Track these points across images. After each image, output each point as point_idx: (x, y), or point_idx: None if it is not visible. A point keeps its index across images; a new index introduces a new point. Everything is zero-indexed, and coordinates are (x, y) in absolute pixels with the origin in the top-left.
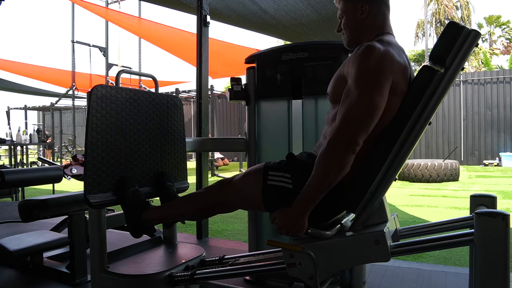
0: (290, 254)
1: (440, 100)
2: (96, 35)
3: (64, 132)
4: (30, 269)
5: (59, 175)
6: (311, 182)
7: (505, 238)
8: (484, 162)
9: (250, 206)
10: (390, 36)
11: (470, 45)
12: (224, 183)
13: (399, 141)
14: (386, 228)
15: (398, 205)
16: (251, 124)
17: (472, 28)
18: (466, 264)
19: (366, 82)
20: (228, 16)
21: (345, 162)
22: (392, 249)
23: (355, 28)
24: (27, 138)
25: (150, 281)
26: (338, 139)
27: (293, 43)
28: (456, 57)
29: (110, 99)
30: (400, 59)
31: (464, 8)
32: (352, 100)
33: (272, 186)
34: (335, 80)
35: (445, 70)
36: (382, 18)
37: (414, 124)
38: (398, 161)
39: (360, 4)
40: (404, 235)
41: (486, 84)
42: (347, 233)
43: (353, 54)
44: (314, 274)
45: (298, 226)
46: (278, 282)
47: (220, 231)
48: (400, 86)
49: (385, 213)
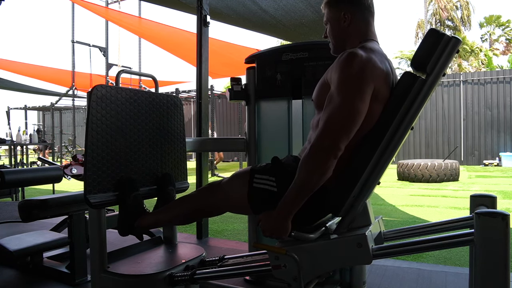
0: (275, 256)
1: (422, 105)
2: (96, 35)
3: (64, 132)
4: (30, 269)
5: (59, 175)
6: (294, 185)
7: (505, 238)
8: (484, 162)
9: (237, 209)
10: (373, 42)
11: (451, 52)
12: (213, 185)
13: (381, 146)
14: (369, 231)
15: (398, 205)
16: (251, 124)
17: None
18: (466, 264)
19: (347, 88)
20: (228, 16)
21: (327, 167)
22: (374, 251)
23: (338, 35)
24: (27, 138)
25: (150, 281)
26: (320, 144)
27: (293, 43)
28: (437, 63)
29: (110, 99)
30: (382, 65)
31: (464, 8)
32: (334, 106)
33: (257, 189)
34: (319, 87)
35: (427, 76)
36: (365, 25)
37: (396, 129)
38: (380, 166)
39: (343, 12)
40: (404, 235)
41: (486, 84)
42: (331, 236)
43: (336, 60)
44: (298, 276)
45: (282, 229)
46: (278, 282)
47: (220, 231)
48: (382, 92)
49: (369, 217)
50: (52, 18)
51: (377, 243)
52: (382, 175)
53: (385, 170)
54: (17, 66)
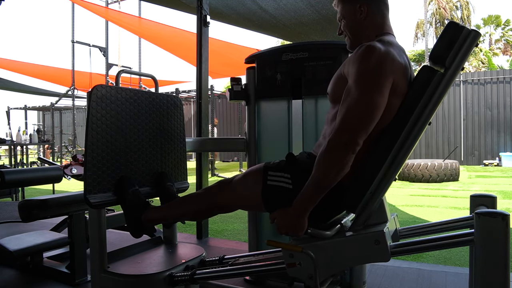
0: (290, 254)
1: (440, 100)
2: (96, 35)
3: (64, 132)
4: (30, 269)
5: (59, 175)
6: (311, 182)
7: (505, 238)
8: (484, 162)
9: (250, 207)
10: (390, 36)
11: (470, 45)
12: (223, 183)
13: (399, 141)
14: (386, 228)
15: (398, 205)
16: (251, 124)
17: (472, 28)
18: (466, 264)
19: (366, 82)
20: (228, 16)
21: (345, 162)
22: (392, 249)
23: (355, 29)
24: (27, 138)
25: (150, 281)
26: (338, 139)
27: (293, 43)
28: (456, 57)
29: (110, 99)
30: (400, 59)
31: (464, 8)
32: (353, 100)
33: (272, 186)
34: (335, 80)
35: (445, 70)
36: (381, 18)
37: (414, 124)
38: (398, 161)
39: (359, 5)
40: (404, 235)
41: (486, 84)
42: (347, 233)
43: (354, 54)
44: (314, 274)
45: (298, 226)
46: (278, 282)
47: (220, 231)
48: (400, 86)
49: (385, 213)
50: (52, 18)
51: (394, 241)
52: (399, 171)
53: (402, 166)
54: (17, 65)
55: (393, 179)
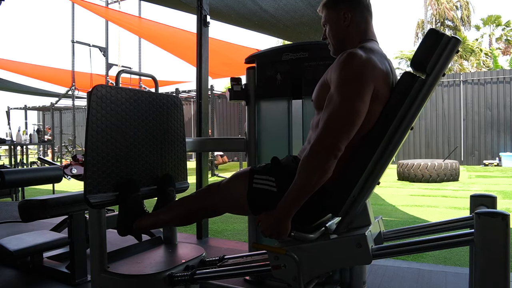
0: (275, 256)
1: (422, 105)
2: (96, 35)
3: (64, 132)
4: (30, 269)
5: (59, 175)
6: (294, 186)
7: (505, 238)
8: (484, 162)
9: (237, 210)
10: (373, 42)
11: (451, 51)
12: (212, 187)
13: (380, 146)
14: (368, 231)
15: (398, 205)
16: (251, 124)
17: (452, 35)
18: (466, 264)
19: (347, 88)
20: (228, 15)
21: (327, 167)
22: (373, 252)
23: (338, 35)
24: (27, 138)
25: (150, 281)
26: (321, 145)
27: (293, 43)
28: (436, 63)
29: (110, 99)
30: (381, 65)
31: (464, 8)
32: (334, 106)
33: (257, 189)
34: (319, 87)
35: (426, 76)
36: (364, 24)
37: (396, 129)
38: (380, 166)
39: (343, 12)
40: (404, 235)
41: (486, 84)
42: (331, 236)
43: (336, 61)
44: (297, 276)
45: (282, 229)
46: (278, 282)
47: (220, 231)
48: (381, 92)
49: (368, 217)
50: (52, 18)
51: (377, 243)
52: (382, 175)
53: (384, 170)
54: (17, 66)
55: (376, 183)
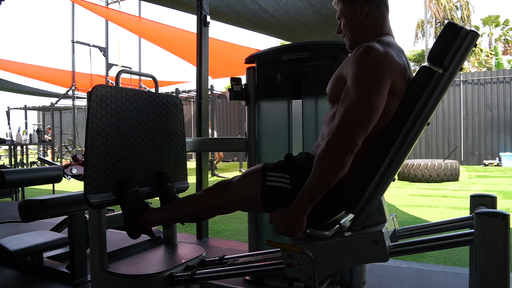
0: (288, 254)
1: (439, 100)
2: (96, 35)
3: (64, 132)
4: (30, 269)
5: (59, 175)
6: (310, 182)
7: (505, 238)
8: (484, 162)
9: (249, 207)
10: (389, 37)
11: (469, 45)
12: (222, 184)
13: (397, 142)
14: (385, 228)
15: (398, 205)
16: (251, 124)
17: (471, 29)
18: (466, 264)
19: (365, 82)
20: (228, 16)
21: (343, 163)
22: (390, 249)
23: (355, 29)
24: (27, 138)
25: (150, 281)
26: (337, 140)
27: (293, 43)
28: (454, 57)
29: (110, 99)
30: (399, 60)
31: (464, 8)
32: (351, 100)
33: (270, 186)
34: (334, 80)
35: (444, 70)
36: (381, 18)
37: (412, 125)
38: (396, 162)
39: (360, 5)
40: (404, 235)
41: (486, 84)
42: (345, 233)
43: (352, 54)
44: (312, 274)
45: (297, 226)
46: (278, 282)
47: (220, 231)
48: (398, 86)
49: (384, 214)
50: (52, 18)
51: (392, 241)
52: (398, 171)
53: (401, 166)
54: (17, 66)
55: (391, 180)
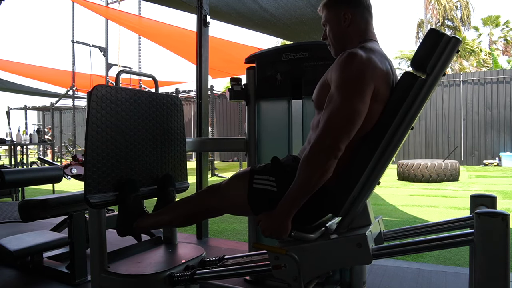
0: (275, 256)
1: (422, 105)
2: (96, 35)
3: (64, 132)
4: (30, 269)
5: (59, 175)
6: (294, 186)
7: (505, 238)
8: (484, 162)
9: (237, 210)
10: (373, 42)
11: (451, 51)
12: (213, 187)
13: (381, 146)
14: (369, 231)
15: (398, 205)
16: (251, 124)
17: (453, 35)
18: (466, 264)
19: (348, 88)
20: (228, 15)
21: (327, 167)
22: (374, 251)
23: (339, 35)
24: (27, 138)
25: (150, 281)
26: (321, 144)
27: (293, 43)
28: (437, 63)
29: (110, 99)
30: (382, 65)
31: (464, 8)
32: (334, 106)
33: (257, 189)
34: (319, 87)
35: (427, 76)
36: (364, 25)
37: (396, 129)
38: (380, 166)
39: (343, 12)
40: (404, 235)
41: (486, 84)
42: (331, 236)
43: (336, 61)
44: (298, 276)
45: (282, 229)
46: (278, 282)
47: (220, 231)
48: (382, 92)
49: (369, 216)
50: (52, 18)
51: (377, 243)
52: (382, 175)
53: (385, 170)
54: (17, 66)
55: (376, 183)
